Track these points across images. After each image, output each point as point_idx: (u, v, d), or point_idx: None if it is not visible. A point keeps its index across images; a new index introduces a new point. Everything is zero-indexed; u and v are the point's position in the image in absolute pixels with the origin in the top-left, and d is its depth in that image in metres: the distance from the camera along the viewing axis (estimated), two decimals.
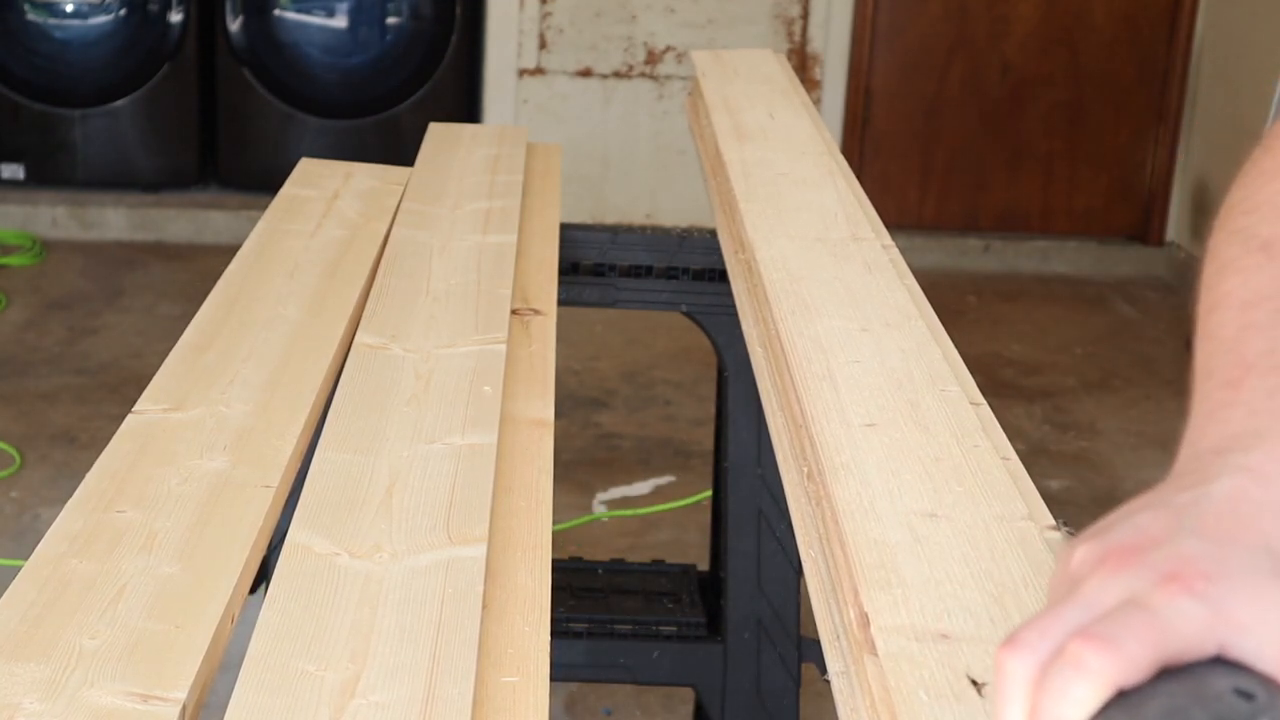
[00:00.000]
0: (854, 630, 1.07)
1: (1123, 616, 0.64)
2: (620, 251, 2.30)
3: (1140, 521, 0.70)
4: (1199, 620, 0.64)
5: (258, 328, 1.68)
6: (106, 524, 1.26)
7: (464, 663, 1.08)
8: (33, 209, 5.43)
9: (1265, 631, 0.64)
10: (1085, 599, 0.66)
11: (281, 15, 5.51)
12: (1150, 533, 0.69)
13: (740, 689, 2.33)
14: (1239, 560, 0.66)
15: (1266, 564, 0.66)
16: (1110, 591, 0.66)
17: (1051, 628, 0.66)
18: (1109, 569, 0.68)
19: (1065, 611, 0.66)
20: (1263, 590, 0.65)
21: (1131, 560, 0.68)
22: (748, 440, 2.29)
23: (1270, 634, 0.64)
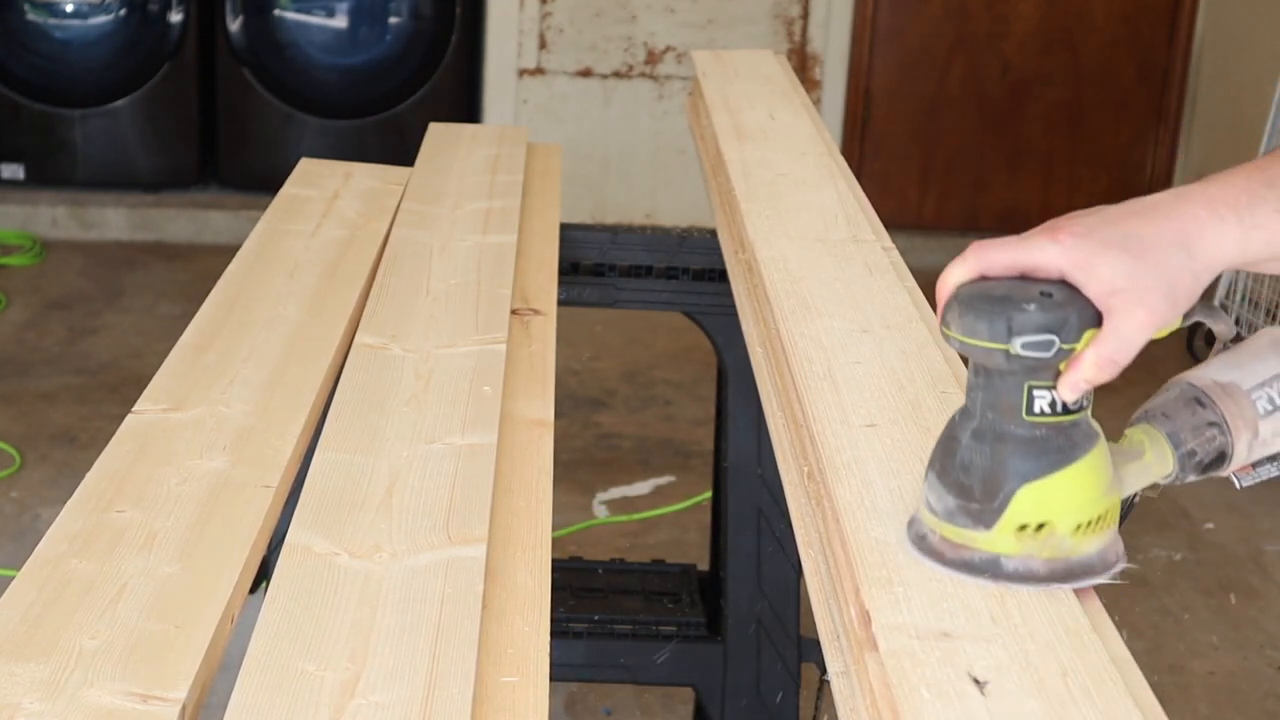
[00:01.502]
0: (855, 628, 1.07)
1: (1003, 241, 1.04)
2: (620, 251, 2.30)
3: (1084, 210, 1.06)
4: (1050, 253, 1.02)
5: (258, 328, 1.68)
6: (106, 524, 1.26)
7: (464, 663, 1.08)
8: (33, 209, 5.43)
9: (1093, 272, 1.01)
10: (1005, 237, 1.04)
11: (281, 15, 5.51)
12: (1080, 213, 1.05)
13: (740, 689, 2.33)
14: (1104, 230, 1.02)
15: (1123, 238, 1.02)
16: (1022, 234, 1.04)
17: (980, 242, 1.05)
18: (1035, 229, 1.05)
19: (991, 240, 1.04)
20: (1105, 249, 1.01)
21: (1050, 224, 1.04)
22: (748, 440, 2.29)
23: (1096, 274, 1.01)
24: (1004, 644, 1.00)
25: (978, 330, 1.00)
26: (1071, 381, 1.02)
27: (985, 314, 1.00)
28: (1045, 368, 1.01)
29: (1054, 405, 1.02)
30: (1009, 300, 1.00)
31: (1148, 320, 1.01)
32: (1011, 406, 1.03)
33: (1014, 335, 1.00)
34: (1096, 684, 0.97)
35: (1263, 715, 3.09)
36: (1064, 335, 1.00)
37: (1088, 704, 0.96)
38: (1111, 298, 1.00)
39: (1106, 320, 1.01)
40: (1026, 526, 1.04)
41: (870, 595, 1.05)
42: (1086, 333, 1.00)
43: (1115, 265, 1.00)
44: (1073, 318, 1.00)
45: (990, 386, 1.04)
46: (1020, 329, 0.99)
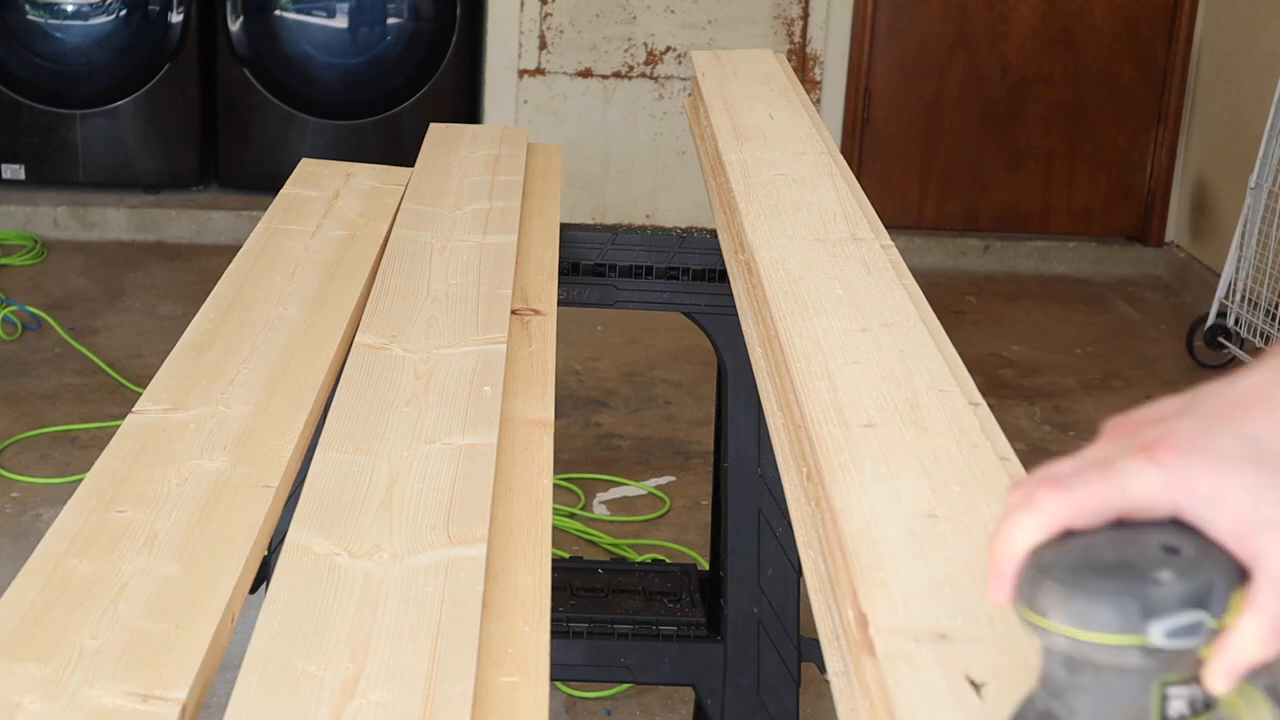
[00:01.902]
0: (853, 631, 1.07)
1: (1086, 470, 0.75)
2: (620, 251, 2.31)
3: (1163, 403, 0.78)
4: (1154, 483, 0.72)
5: (258, 328, 1.68)
6: (106, 524, 1.26)
7: (464, 663, 1.08)
8: (33, 209, 5.44)
9: (1221, 503, 0.71)
10: (1079, 459, 0.76)
11: (282, 16, 5.51)
12: (1162, 412, 0.77)
13: (740, 689, 2.33)
14: (1218, 440, 0.73)
15: (1246, 448, 0.73)
16: (1097, 454, 0.75)
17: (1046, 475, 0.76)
18: (1110, 438, 0.77)
19: (1061, 465, 0.77)
20: (1230, 468, 0.72)
21: (1130, 432, 0.76)
22: (748, 440, 2.29)
23: (1226, 506, 0.71)
24: (1002, 646, 1.00)
25: (1099, 620, 0.71)
26: (1229, 666, 0.71)
27: (1108, 594, 0.71)
28: (1187, 658, 0.72)
29: (1194, 705, 0.73)
30: (1131, 569, 0.71)
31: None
32: (1137, 715, 0.73)
33: (1151, 618, 0.70)
34: None
35: None
36: (1213, 608, 0.71)
37: None
38: (1257, 538, 0.71)
39: (1258, 571, 0.71)
40: None
41: (867, 597, 1.05)
42: (1234, 596, 0.71)
43: (1251, 489, 0.72)
44: (1218, 580, 0.71)
45: (1102, 690, 0.73)
46: (1159, 610, 0.70)
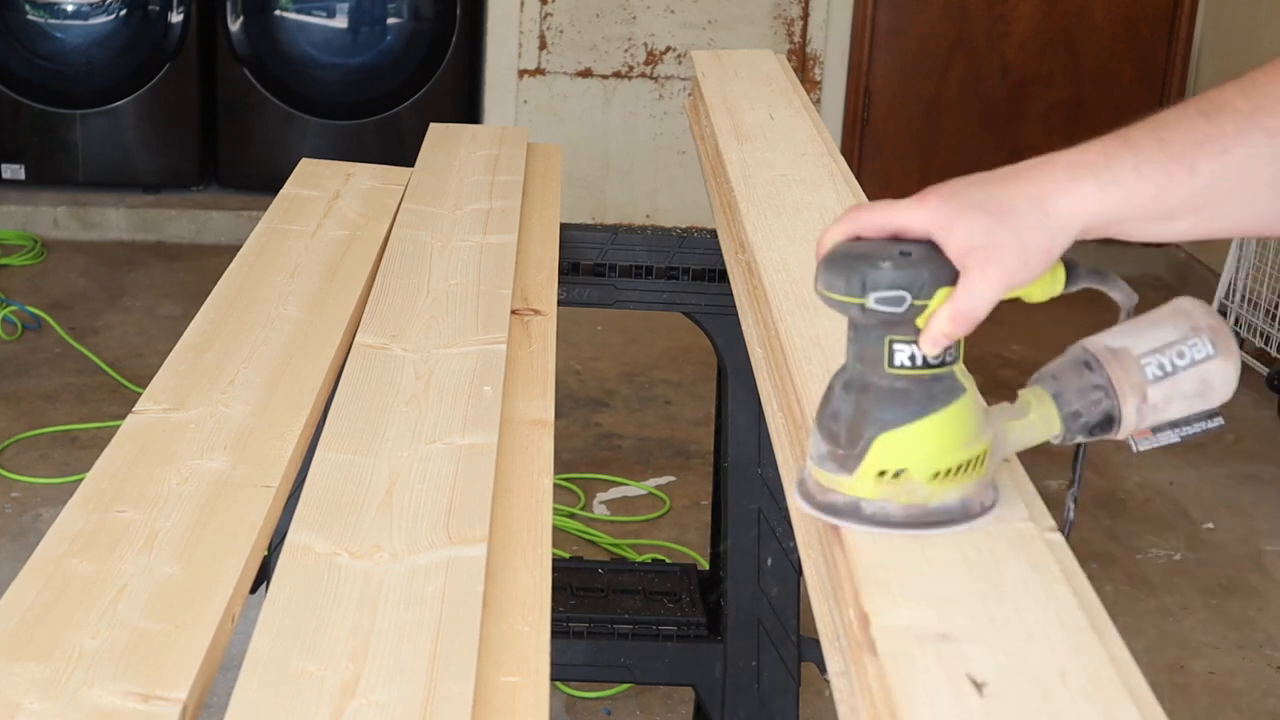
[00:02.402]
0: (854, 630, 1.07)
1: (877, 204, 1.09)
2: (620, 251, 2.31)
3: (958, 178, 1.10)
4: (915, 213, 1.07)
5: (258, 328, 1.68)
6: (106, 524, 1.26)
7: (464, 662, 1.08)
8: (33, 209, 5.43)
9: (953, 232, 1.05)
10: None
11: (282, 15, 5.51)
12: (955, 179, 1.09)
13: (740, 689, 2.33)
14: (969, 193, 1.07)
15: (983, 199, 1.06)
16: None
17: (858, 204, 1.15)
18: None
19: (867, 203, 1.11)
20: (965, 210, 1.06)
21: (919, 192, 1.08)
22: (748, 440, 2.29)
23: (955, 233, 1.05)
24: (1002, 645, 1.00)
25: (835, 285, 1.07)
26: (929, 336, 1.06)
27: (843, 271, 1.06)
28: (902, 323, 1.06)
29: (914, 359, 1.07)
30: (867, 258, 1.06)
31: (999, 277, 1.05)
32: (874, 359, 1.08)
33: (868, 291, 1.05)
34: (1095, 684, 0.97)
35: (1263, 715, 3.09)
36: (916, 292, 1.05)
37: (1087, 704, 0.96)
38: (967, 256, 1.05)
39: (961, 277, 1.05)
40: (885, 472, 1.09)
41: (869, 597, 1.05)
42: (941, 290, 1.05)
43: (972, 224, 1.05)
44: (925, 275, 1.05)
45: (857, 340, 1.09)
46: (874, 285, 1.05)
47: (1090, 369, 1.15)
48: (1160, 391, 1.15)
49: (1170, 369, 1.14)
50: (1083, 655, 1.00)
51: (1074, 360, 1.16)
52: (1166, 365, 1.14)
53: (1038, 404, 1.16)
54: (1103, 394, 1.15)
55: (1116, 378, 1.14)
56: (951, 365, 1.10)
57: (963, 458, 1.11)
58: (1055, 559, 1.12)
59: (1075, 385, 1.16)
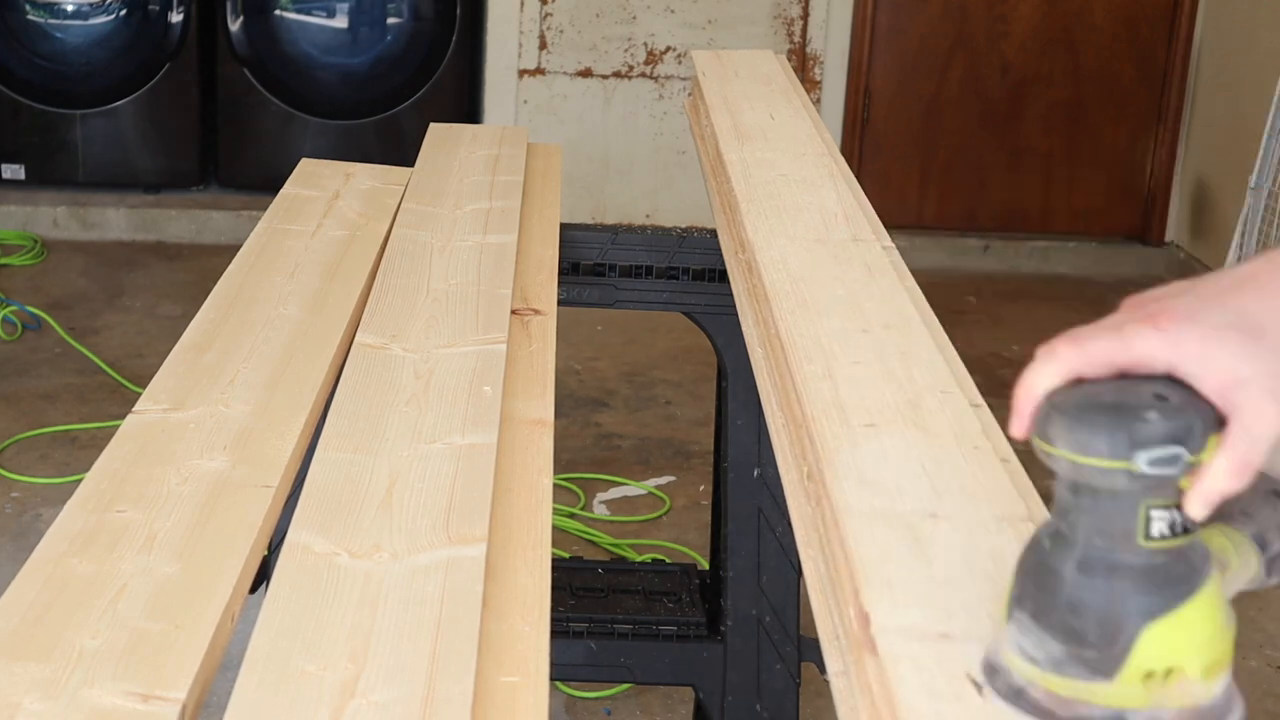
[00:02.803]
0: (854, 630, 1.07)
1: (1099, 332, 0.92)
2: (620, 251, 2.30)
3: (1171, 285, 0.95)
4: (1153, 344, 0.89)
5: (258, 328, 1.68)
6: (106, 524, 1.26)
7: (464, 662, 1.08)
8: (33, 209, 5.44)
9: (1207, 362, 0.88)
10: (1096, 325, 0.93)
11: (282, 15, 5.51)
12: (1169, 291, 0.94)
13: (740, 689, 2.33)
14: (1210, 312, 0.90)
15: (1232, 319, 0.89)
16: (1111, 321, 0.92)
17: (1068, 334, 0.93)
18: (1124, 310, 0.93)
19: (1081, 329, 0.93)
20: (1217, 334, 0.89)
21: (1140, 305, 0.93)
22: (748, 440, 2.29)
23: (1211, 365, 0.88)
24: None
25: (1095, 447, 0.88)
26: (1203, 495, 0.88)
27: (1103, 427, 0.87)
28: (1168, 485, 0.89)
29: (1174, 527, 0.90)
30: (1124, 409, 0.88)
31: (1277, 410, 0.88)
32: (1126, 532, 0.89)
33: (1138, 449, 0.87)
34: None
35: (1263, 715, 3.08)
36: (1190, 445, 0.87)
37: None
38: (1235, 392, 0.88)
39: (1233, 419, 0.88)
40: (1154, 674, 0.90)
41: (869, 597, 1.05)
42: (1211, 438, 0.88)
43: (1234, 353, 0.88)
44: (1197, 424, 0.87)
45: (1098, 509, 0.90)
46: (1144, 442, 0.87)
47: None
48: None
49: None
50: None
51: (1262, 493, 1.01)
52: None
53: (1235, 549, 1.01)
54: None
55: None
56: (1196, 530, 0.91)
57: (1228, 641, 0.93)
58: None
59: (1273, 521, 1.02)
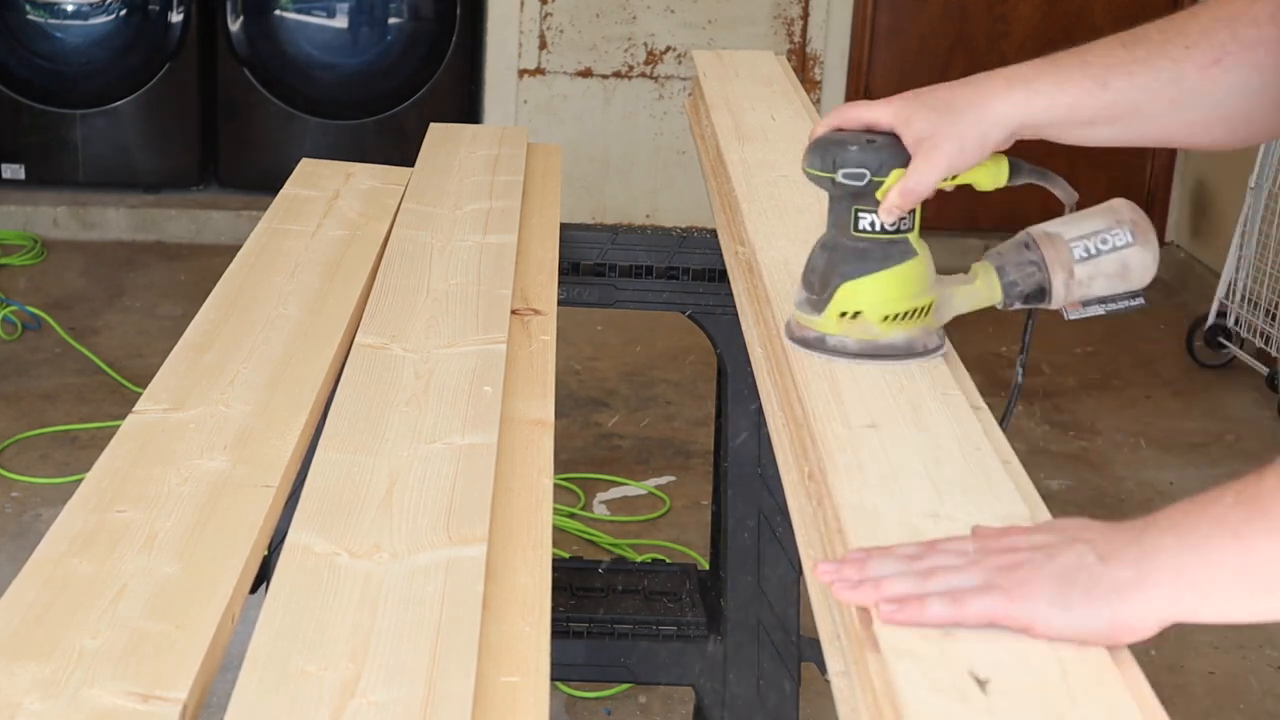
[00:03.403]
0: (856, 628, 1.07)
1: (858, 103, 1.39)
2: (620, 251, 2.30)
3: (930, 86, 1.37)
4: (884, 110, 1.36)
5: (258, 328, 1.68)
6: (106, 524, 1.26)
7: (464, 662, 1.08)
8: (33, 209, 5.43)
9: (910, 127, 1.34)
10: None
11: (282, 15, 5.51)
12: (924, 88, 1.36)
13: (740, 689, 2.33)
14: (926, 97, 1.34)
15: (933, 103, 1.33)
16: None
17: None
18: None
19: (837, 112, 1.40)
20: (920, 109, 1.34)
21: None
22: (748, 440, 2.29)
23: (912, 128, 1.34)
24: (1005, 643, 1.00)
25: (814, 163, 1.38)
26: (885, 206, 1.36)
27: (820, 152, 1.37)
28: (865, 195, 1.36)
29: (874, 225, 1.37)
30: (840, 143, 1.36)
31: (939, 161, 1.33)
32: (844, 224, 1.39)
33: (837, 168, 1.36)
34: (1097, 683, 0.98)
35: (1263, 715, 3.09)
36: (875, 170, 1.34)
37: (1088, 703, 0.96)
38: (917, 144, 1.34)
39: (911, 161, 1.34)
40: (845, 314, 1.39)
41: None
42: (895, 171, 1.34)
43: (924, 120, 1.33)
44: (884, 157, 1.34)
45: (832, 209, 1.40)
46: (842, 164, 1.35)
47: (1028, 248, 1.42)
48: (1085, 270, 1.40)
49: (1094, 251, 1.40)
50: (1084, 654, 1.00)
51: (1016, 242, 1.42)
52: (1091, 248, 1.41)
53: (983, 274, 1.42)
54: (1036, 268, 1.41)
55: (1049, 255, 1.40)
56: (907, 233, 1.39)
57: (910, 306, 1.39)
58: None
59: (1014, 260, 1.42)
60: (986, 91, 1.33)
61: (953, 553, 1.06)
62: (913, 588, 1.03)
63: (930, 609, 1.01)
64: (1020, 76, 1.34)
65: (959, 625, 1.01)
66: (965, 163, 1.34)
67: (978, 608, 1.01)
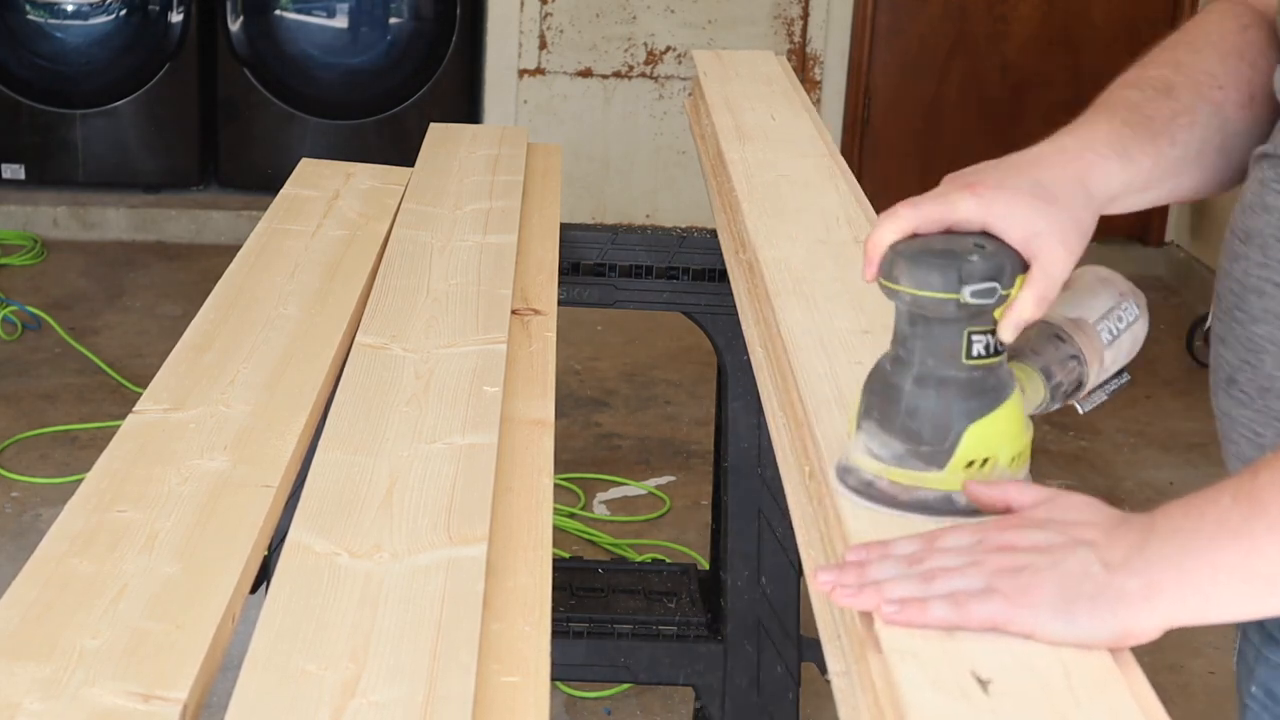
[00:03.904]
0: (858, 627, 1.07)
1: (930, 197, 1.15)
2: (620, 251, 2.30)
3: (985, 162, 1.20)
4: (971, 206, 1.13)
5: (258, 328, 1.68)
6: (107, 524, 1.26)
7: (464, 662, 1.08)
8: (33, 209, 5.43)
9: (1014, 220, 1.13)
10: (926, 194, 1.15)
11: (282, 15, 5.51)
12: (981, 166, 1.19)
13: (740, 689, 2.33)
14: (1015, 182, 1.15)
15: (1031, 185, 1.15)
16: (939, 190, 1.16)
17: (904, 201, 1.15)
18: (946, 182, 1.17)
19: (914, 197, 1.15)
20: (1019, 197, 1.14)
21: (958, 179, 1.16)
22: (748, 440, 2.29)
23: (1017, 221, 1.13)
24: (1007, 642, 1.00)
25: (930, 282, 1.11)
26: (1013, 321, 1.12)
27: (937, 267, 1.11)
28: (985, 314, 1.12)
29: (989, 348, 1.14)
30: (953, 254, 1.11)
31: (1067, 256, 1.14)
32: (952, 352, 1.13)
33: (964, 284, 1.10)
34: (1098, 683, 0.98)
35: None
36: (1003, 281, 1.11)
37: (1090, 703, 0.96)
38: (1034, 242, 1.13)
39: (1034, 262, 1.12)
40: (974, 463, 1.14)
41: None
42: (1018, 277, 1.12)
43: (1032, 212, 1.13)
44: (1007, 265, 1.12)
45: (930, 335, 1.13)
46: (969, 278, 1.10)
47: (1062, 340, 1.26)
48: (1111, 354, 1.29)
49: (1115, 333, 1.29)
50: (1086, 654, 1.00)
51: (1045, 335, 1.26)
52: (1113, 329, 1.29)
53: (1028, 379, 1.24)
54: (1076, 362, 1.26)
55: (1085, 346, 1.26)
56: (1002, 355, 1.15)
57: (1028, 439, 1.18)
58: None
59: (1055, 357, 1.26)
60: (1084, 168, 1.18)
61: (953, 551, 1.04)
62: (915, 590, 1.02)
63: (932, 612, 1.01)
64: (1109, 145, 1.20)
65: (961, 629, 1.01)
66: (1082, 249, 1.16)
67: (980, 613, 1.00)
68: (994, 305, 1.11)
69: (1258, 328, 1.20)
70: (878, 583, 1.04)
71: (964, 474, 1.14)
